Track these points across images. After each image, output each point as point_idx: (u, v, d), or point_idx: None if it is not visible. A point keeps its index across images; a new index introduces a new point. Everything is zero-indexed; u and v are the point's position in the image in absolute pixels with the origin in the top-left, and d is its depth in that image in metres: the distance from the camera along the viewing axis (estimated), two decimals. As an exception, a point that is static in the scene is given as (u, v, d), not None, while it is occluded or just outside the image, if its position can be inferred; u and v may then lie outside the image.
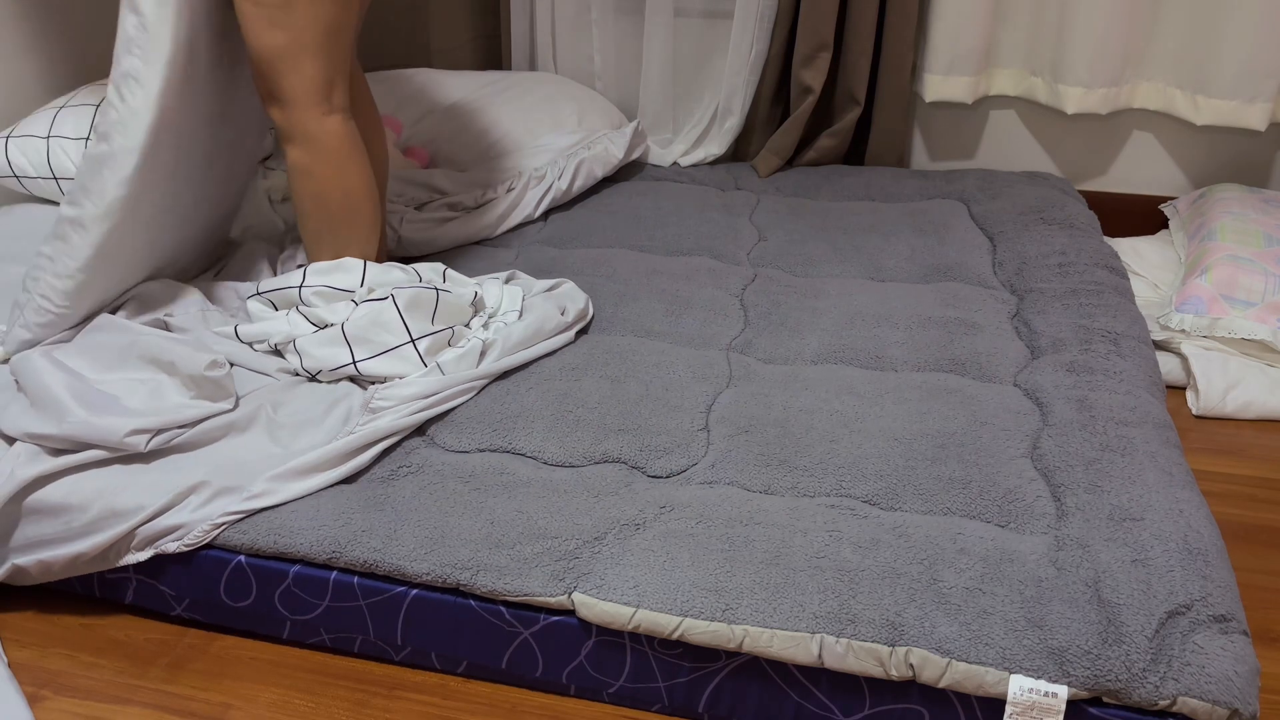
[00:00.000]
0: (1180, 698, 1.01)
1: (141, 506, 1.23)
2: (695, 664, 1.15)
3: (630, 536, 1.19)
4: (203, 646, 1.30)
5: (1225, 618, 1.06)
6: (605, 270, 1.75)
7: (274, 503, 1.25)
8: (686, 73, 2.26)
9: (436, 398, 1.37)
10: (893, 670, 1.07)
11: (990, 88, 2.15)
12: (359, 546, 1.20)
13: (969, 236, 1.88)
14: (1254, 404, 1.68)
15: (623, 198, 2.05)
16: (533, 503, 1.24)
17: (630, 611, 1.11)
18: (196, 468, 1.28)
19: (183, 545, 1.23)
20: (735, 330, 1.60)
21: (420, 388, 1.37)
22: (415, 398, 1.36)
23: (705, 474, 1.29)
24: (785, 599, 1.10)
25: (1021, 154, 2.24)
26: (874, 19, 2.05)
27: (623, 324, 1.60)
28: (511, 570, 1.16)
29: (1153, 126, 2.15)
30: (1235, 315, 1.73)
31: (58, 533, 1.25)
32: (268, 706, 1.21)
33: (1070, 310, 1.60)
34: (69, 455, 1.27)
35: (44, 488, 1.26)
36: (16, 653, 1.28)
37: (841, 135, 2.17)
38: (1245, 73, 1.95)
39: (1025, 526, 1.20)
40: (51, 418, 1.29)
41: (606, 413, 1.38)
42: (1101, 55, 1.99)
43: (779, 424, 1.36)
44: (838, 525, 1.19)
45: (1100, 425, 1.32)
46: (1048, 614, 1.07)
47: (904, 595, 1.10)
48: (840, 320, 1.61)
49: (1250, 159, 2.13)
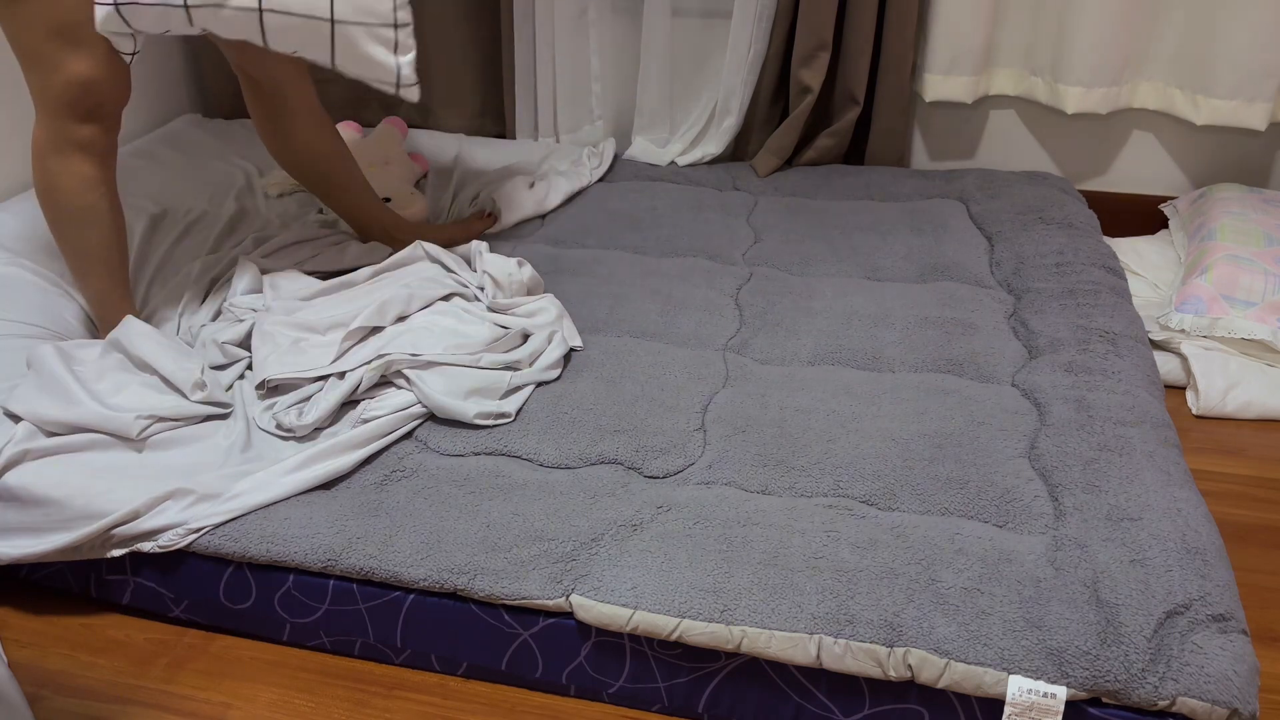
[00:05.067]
0: (1179, 698, 1.01)
1: (120, 507, 1.24)
2: (694, 664, 1.15)
3: (628, 538, 1.19)
4: (202, 646, 1.30)
5: (1224, 617, 1.06)
6: (601, 271, 1.75)
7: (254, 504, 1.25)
8: (685, 72, 2.25)
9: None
10: (891, 671, 1.07)
11: (990, 87, 2.15)
12: (354, 553, 1.20)
13: (967, 236, 1.88)
14: (1254, 404, 1.68)
15: (619, 198, 2.05)
16: (529, 505, 1.24)
17: (628, 613, 1.11)
18: (179, 473, 1.29)
19: (157, 547, 1.24)
20: (731, 330, 1.60)
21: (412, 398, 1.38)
22: (406, 407, 1.37)
23: (702, 474, 1.29)
24: (783, 600, 1.10)
25: (1021, 154, 2.24)
26: (873, 18, 2.04)
27: (618, 325, 1.60)
28: (509, 573, 1.16)
29: (1153, 126, 2.15)
30: (1235, 315, 1.73)
31: (37, 522, 1.26)
32: (267, 706, 1.21)
33: (1068, 310, 1.60)
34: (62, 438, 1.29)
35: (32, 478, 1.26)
36: (16, 653, 1.29)
37: (841, 135, 2.17)
38: (1245, 73, 1.94)
39: (1023, 527, 1.20)
40: (60, 402, 1.31)
41: (602, 414, 1.38)
42: (1101, 55, 1.99)
43: (776, 424, 1.36)
44: (835, 526, 1.19)
45: (1098, 425, 1.32)
46: (1046, 614, 1.07)
47: (902, 596, 1.10)
48: (837, 320, 1.61)
49: (1250, 159, 2.13)
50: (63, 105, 1.36)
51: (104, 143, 1.41)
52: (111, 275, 1.49)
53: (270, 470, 1.29)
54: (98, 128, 1.39)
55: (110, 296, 1.51)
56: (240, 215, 1.92)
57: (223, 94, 2.45)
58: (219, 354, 1.49)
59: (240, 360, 1.50)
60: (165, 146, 2.20)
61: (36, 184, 1.43)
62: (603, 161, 2.19)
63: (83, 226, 1.44)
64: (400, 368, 1.41)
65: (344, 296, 1.56)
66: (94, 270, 1.48)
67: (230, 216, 1.90)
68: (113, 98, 1.39)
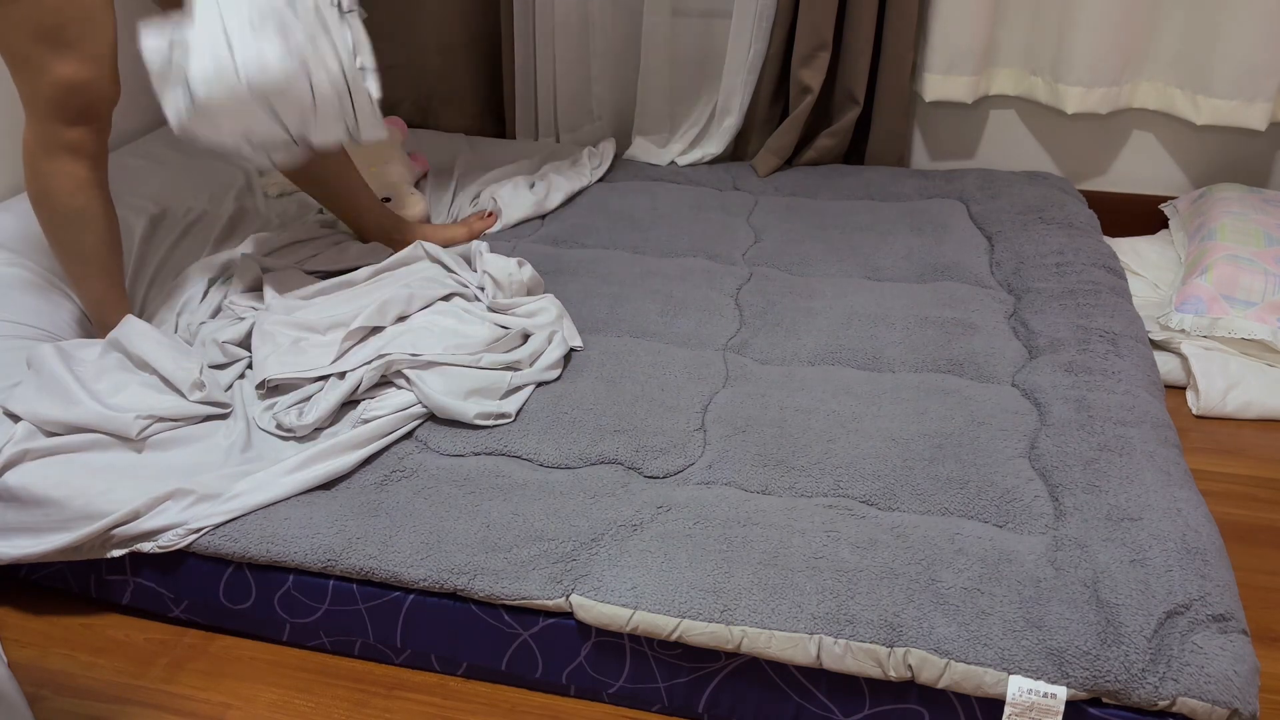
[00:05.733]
0: (1180, 698, 1.01)
1: (120, 507, 1.24)
2: (695, 664, 1.15)
3: (628, 538, 1.19)
4: (202, 646, 1.30)
5: (1224, 617, 1.06)
6: (601, 271, 1.75)
7: (254, 504, 1.25)
8: (685, 72, 2.25)
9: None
10: (891, 671, 1.07)
11: (990, 87, 2.15)
12: (354, 554, 1.20)
13: (967, 236, 1.88)
14: (1254, 404, 1.67)
15: (619, 198, 2.05)
16: (529, 505, 1.24)
17: (628, 613, 1.11)
18: (179, 473, 1.29)
19: (157, 547, 1.24)
20: (731, 330, 1.60)
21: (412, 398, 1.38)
22: (406, 407, 1.37)
23: (702, 474, 1.29)
24: (783, 600, 1.10)
25: (1021, 154, 2.24)
26: (873, 18, 2.04)
27: (618, 325, 1.60)
28: (509, 574, 1.16)
29: (1153, 126, 2.15)
30: (1235, 315, 1.73)
31: (37, 522, 1.26)
32: (267, 707, 1.21)
33: (1068, 310, 1.60)
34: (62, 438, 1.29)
35: (32, 478, 1.26)
36: (16, 653, 1.29)
37: (841, 135, 2.17)
38: (1245, 73, 1.94)
39: (1023, 527, 1.20)
40: (59, 402, 1.31)
41: (602, 414, 1.38)
42: (1101, 55, 1.99)
43: (776, 424, 1.36)
44: (835, 526, 1.18)
45: (1098, 425, 1.32)
46: (1046, 614, 1.07)
47: (902, 596, 1.10)
48: (837, 320, 1.61)
49: (1250, 159, 2.13)
50: (51, 108, 1.35)
51: (94, 144, 1.41)
52: (107, 277, 1.49)
53: (270, 470, 1.29)
54: (87, 129, 1.39)
55: (107, 298, 1.50)
56: (240, 215, 1.92)
57: (223, 94, 2.45)
58: (219, 353, 1.49)
59: (240, 360, 1.50)
60: (165, 146, 2.20)
61: (29, 188, 1.42)
62: (603, 161, 2.18)
63: (77, 229, 1.44)
64: (400, 368, 1.41)
65: (344, 296, 1.56)
66: (90, 272, 1.48)
67: (230, 216, 1.90)
68: (101, 99, 1.38)
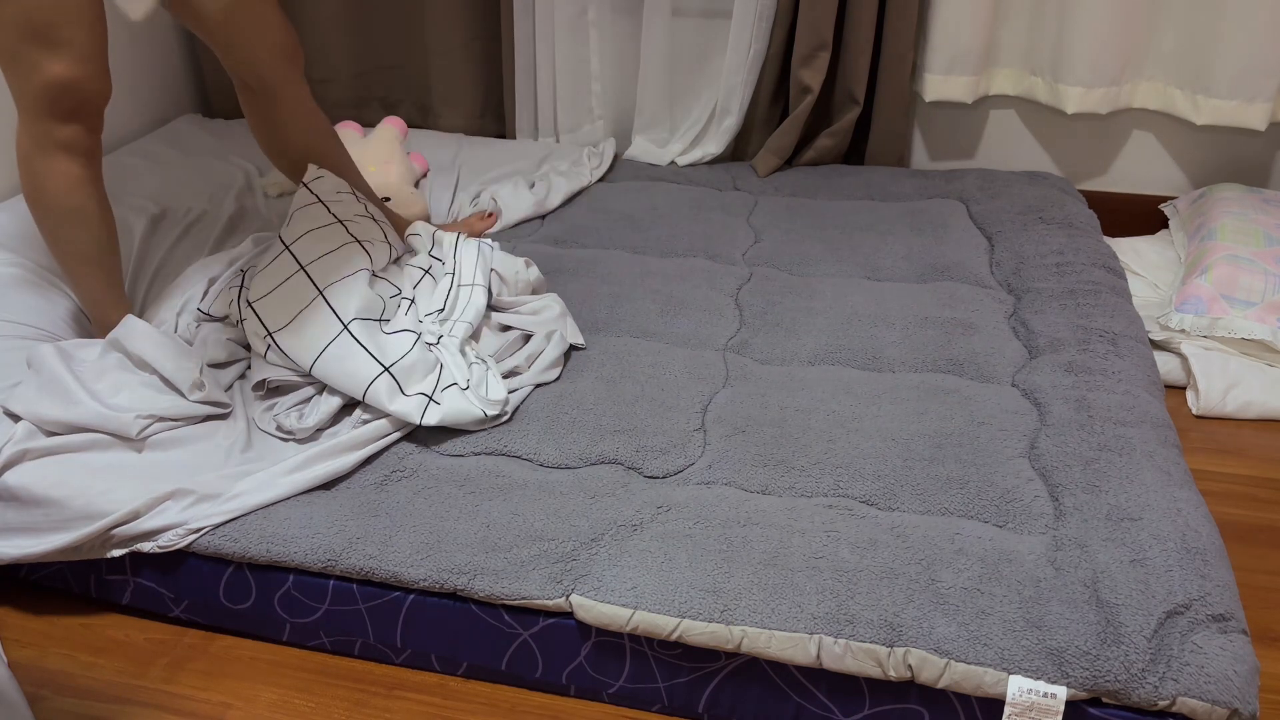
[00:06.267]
0: (1180, 698, 1.01)
1: (120, 507, 1.24)
2: (695, 664, 1.15)
3: (628, 538, 1.19)
4: (202, 646, 1.30)
5: (1224, 617, 1.06)
6: (601, 271, 1.75)
7: (254, 504, 1.25)
8: (685, 72, 2.25)
9: None
10: (891, 671, 1.07)
11: (990, 87, 2.15)
12: (354, 554, 1.20)
13: (967, 236, 1.88)
14: (1254, 404, 1.67)
15: (619, 198, 2.05)
16: (529, 505, 1.24)
17: (628, 613, 1.11)
18: (179, 473, 1.29)
19: (157, 547, 1.24)
20: (731, 330, 1.60)
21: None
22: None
23: (702, 474, 1.29)
24: (783, 600, 1.10)
25: (1021, 154, 2.24)
26: (873, 18, 2.04)
27: (618, 325, 1.60)
28: (509, 574, 1.16)
29: (1153, 126, 2.15)
30: (1235, 315, 1.73)
31: (37, 522, 1.26)
32: (267, 706, 1.21)
33: (1068, 310, 1.60)
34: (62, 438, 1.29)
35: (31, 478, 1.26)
36: (16, 653, 1.29)
37: (841, 135, 2.17)
38: (1245, 73, 1.94)
39: (1023, 527, 1.20)
40: (60, 402, 1.31)
41: (602, 414, 1.38)
42: (1101, 55, 1.99)
43: (776, 424, 1.36)
44: (835, 526, 1.18)
45: (1098, 425, 1.32)
46: (1046, 614, 1.07)
47: (902, 596, 1.10)
48: (837, 320, 1.61)
49: (1250, 159, 2.13)
50: (43, 107, 1.35)
51: (87, 142, 1.40)
52: (105, 276, 1.49)
53: (270, 470, 1.29)
54: (80, 127, 1.38)
55: (105, 296, 1.50)
56: (240, 215, 1.92)
57: (223, 94, 2.46)
58: (219, 351, 1.49)
59: (240, 360, 1.50)
60: (165, 146, 2.20)
61: (24, 187, 1.42)
62: (603, 161, 2.19)
63: (73, 228, 1.43)
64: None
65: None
66: (87, 271, 1.47)
67: (230, 216, 1.90)
68: (93, 97, 1.38)
